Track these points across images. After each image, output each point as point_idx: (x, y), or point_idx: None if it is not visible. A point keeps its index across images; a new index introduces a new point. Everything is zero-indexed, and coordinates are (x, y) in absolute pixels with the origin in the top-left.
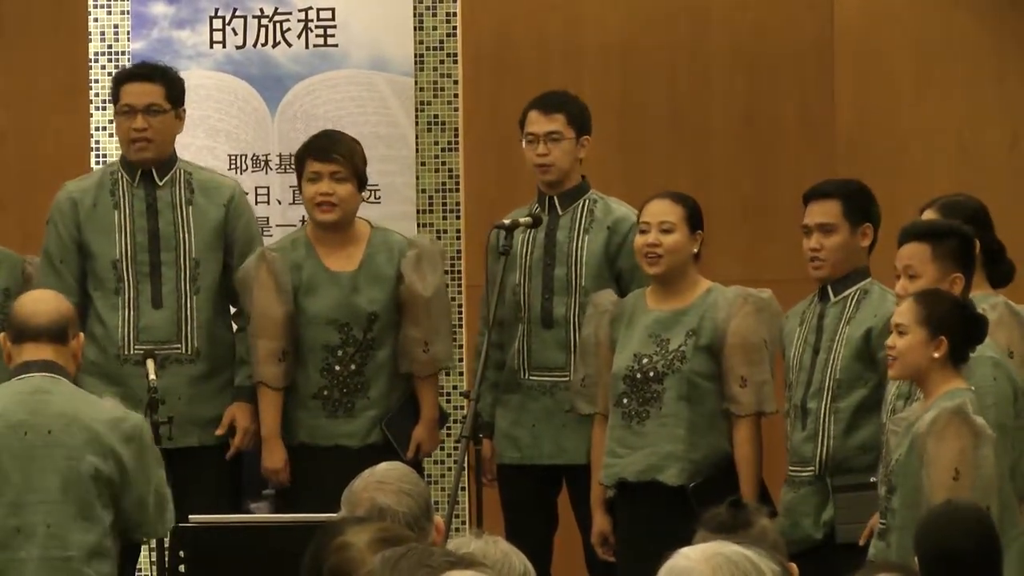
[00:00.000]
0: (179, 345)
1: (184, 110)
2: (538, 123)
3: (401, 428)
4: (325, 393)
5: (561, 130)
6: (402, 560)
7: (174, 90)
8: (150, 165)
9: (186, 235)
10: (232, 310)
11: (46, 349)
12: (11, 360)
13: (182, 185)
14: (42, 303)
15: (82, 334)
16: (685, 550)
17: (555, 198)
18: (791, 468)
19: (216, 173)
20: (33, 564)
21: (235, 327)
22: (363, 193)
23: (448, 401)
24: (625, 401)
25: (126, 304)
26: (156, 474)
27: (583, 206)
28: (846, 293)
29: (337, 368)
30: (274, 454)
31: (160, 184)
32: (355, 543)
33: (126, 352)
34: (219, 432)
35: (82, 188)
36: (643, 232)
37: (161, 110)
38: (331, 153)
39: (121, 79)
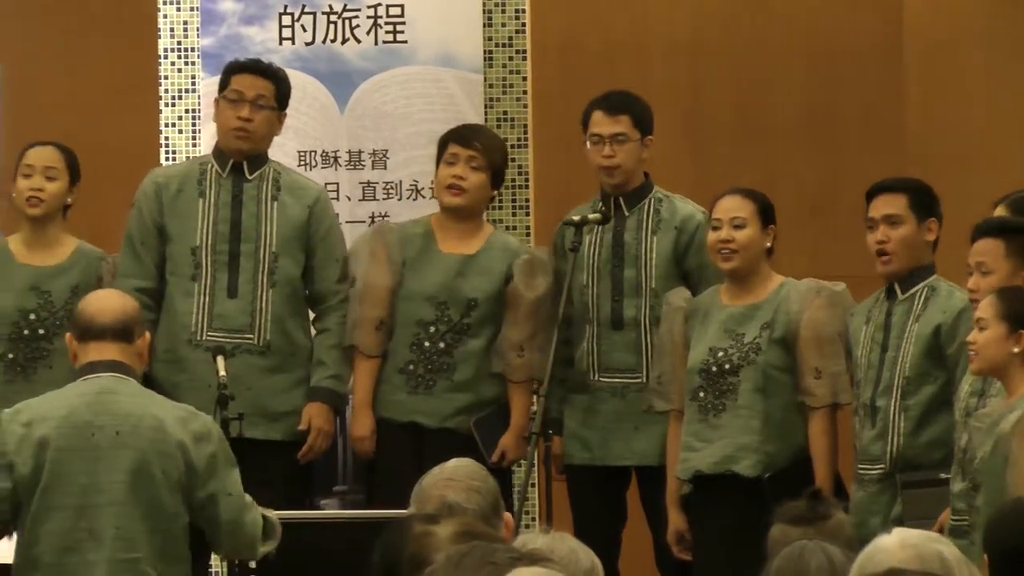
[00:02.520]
0: (251, 336)
1: (285, 115)
2: (603, 124)
3: (491, 431)
4: (411, 368)
5: (627, 132)
6: (466, 558)
7: (282, 91)
8: (244, 157)
9: (268, 228)
10: (310, 313)
11: (111, 348)
12: (77, 359)
13: (270, 182)
14: (107, 302)
15: (148, 334)
16: (896, 531)
17: (620, 198)
18: (860, 466)
19: (305, 177)
20: (102, 567)
21: (313, 331)
22: (495, 192)
23: None
24: (701, 395)
25: (202, 291)
26: (226, 476)
27: (649, 206)
28: (913, 290)
29: (426, 344)
30: (361, 422)
31: (249, 178)
32: (438, 533)
33: (198, 338)
34: (300, 428)
35: (168, 174)
36: (715, 229)
37: (268, 106)
38: (472, 140)
39: (234, 69)
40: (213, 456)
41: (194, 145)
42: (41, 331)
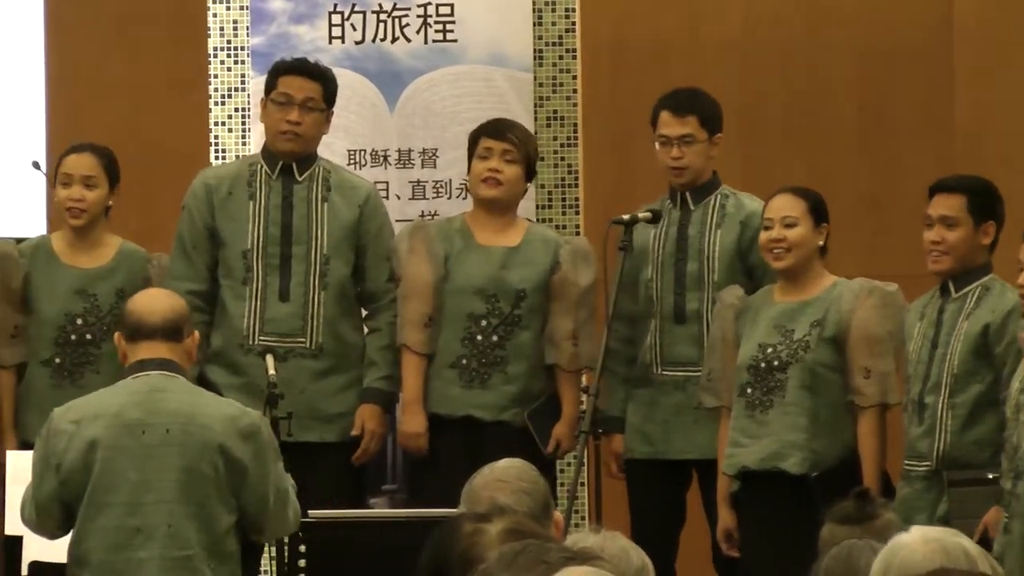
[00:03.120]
0: (303, 339)
1: (333, 113)
2: (671, 126)
3: (543, 423)
4: (463, 362)
5: (694, 133)
6: (519, 556)
7: (330, 90)
8: (292, 159)
9: (319, 230)
10: (363, 313)
11: (161, 347)
12: (126, 359)
13: (319, 182)
14: (156, 302)
15: (197, 333)
16: (915, 528)
17: (687, 193)
18: (907, 463)
19: (354, 175)
20: (153, 564)
21: (366, 330)
22: (528, 185)
23: None
24: (749, 391)
25: (253, 295)
26: (275, 471)
27: (715, 201)
28: (967, 289)
29: (479, 338)
30: (414, 419)
31: (299, 179)
32: (489, 531)
33: (250, 342)
34: (354, 433)
35: (219, 176)
36: (767, 228)
37: (316, 107)
38: (506, 133)
39: (281, 70)
40: (261, 452)
41: (244, 144)
42: (88, 336)
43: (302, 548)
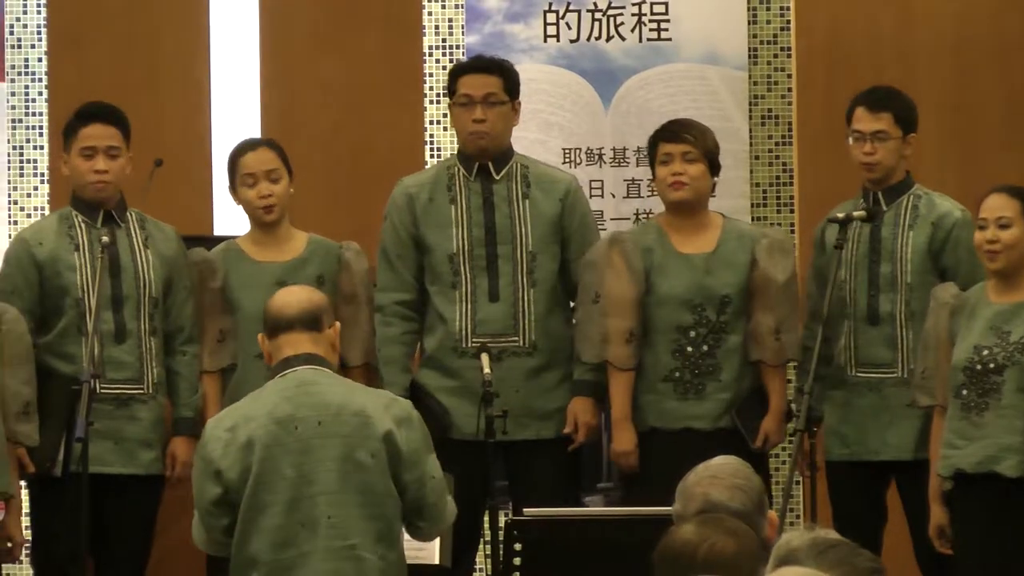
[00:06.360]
0: (516, 338)
1: (520, 103)
2: (865, 121)
3: (750, 418)
4: (676, 375)
5: (887, 129)
6: (831, 550)
7: (511, 82)
8: (487, 158)
9: (522, 228)
10: (571, 304)
11: (302, 339)
12: (271, 359)
13: (518, 179)
14: (291, 294)
15: (338, 323)
16: None
17: (879, 194)
18: None
19: (552, 167)
20: (318, 555)
21: (574, 322)
22: (715, 179)
23: None
24: (964, 392)
25: (463, 297)
26: (431, 459)
27: (907, 202)
28: None
29: (689, 349)
30: (623, 436)
31: (497, 178)
32: (680, 525)
33: (463, 345)
34: (566, 430)
35: (418, 183)
36: (981, 228)
37: (499, 101)
38: (682, 134)
39: (458, 71)
40: (417, 440)
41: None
42: None
43: (517, 546)
